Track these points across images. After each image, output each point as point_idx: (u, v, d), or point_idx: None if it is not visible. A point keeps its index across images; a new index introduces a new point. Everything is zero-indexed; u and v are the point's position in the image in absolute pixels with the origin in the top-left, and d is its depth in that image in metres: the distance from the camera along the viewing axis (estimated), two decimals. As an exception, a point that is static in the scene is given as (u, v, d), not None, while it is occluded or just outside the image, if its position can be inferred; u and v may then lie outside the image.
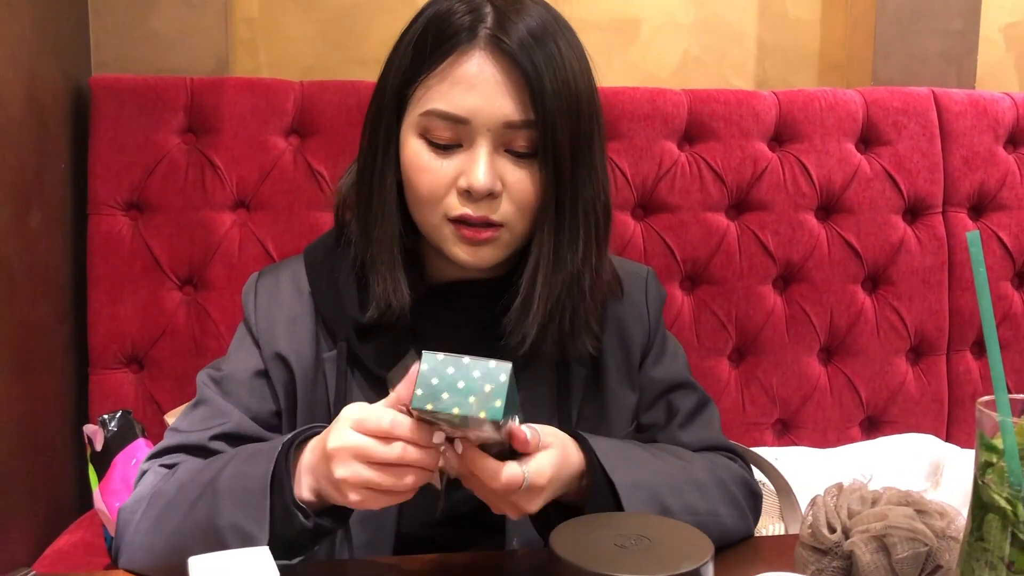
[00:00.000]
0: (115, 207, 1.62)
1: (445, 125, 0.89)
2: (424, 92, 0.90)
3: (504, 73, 0.88)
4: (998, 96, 1.88)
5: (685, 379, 1.07)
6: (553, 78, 0.88)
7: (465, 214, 0.90)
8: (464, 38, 0.88)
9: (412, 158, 0.91)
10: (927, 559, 0.77)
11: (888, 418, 1.81)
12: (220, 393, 0.98)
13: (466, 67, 0.88)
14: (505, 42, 0.88)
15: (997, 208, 1.86)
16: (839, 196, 1.79)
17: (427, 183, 0.91)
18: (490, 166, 0.89)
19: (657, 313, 1.08)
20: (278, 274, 1.03)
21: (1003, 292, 1.85)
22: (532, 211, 0.92)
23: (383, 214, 0.94)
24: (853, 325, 1.79)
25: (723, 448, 1.05)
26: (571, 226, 0.92)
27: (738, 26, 2.01)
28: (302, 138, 1.68)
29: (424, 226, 0.94)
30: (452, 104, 0.88)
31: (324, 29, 1.88)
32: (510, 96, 0.88)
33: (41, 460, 1.49)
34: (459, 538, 0.98)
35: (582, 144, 0.91)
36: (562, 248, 0.92)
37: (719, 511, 0.94)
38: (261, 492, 0.82)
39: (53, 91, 1.57)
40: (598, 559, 0.70)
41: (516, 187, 0.91)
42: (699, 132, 1.77)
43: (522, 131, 0.89)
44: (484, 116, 0.88)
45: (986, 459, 0.67)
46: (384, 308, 0.93)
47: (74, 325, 1.62)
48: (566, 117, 0.89)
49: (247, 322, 1.01)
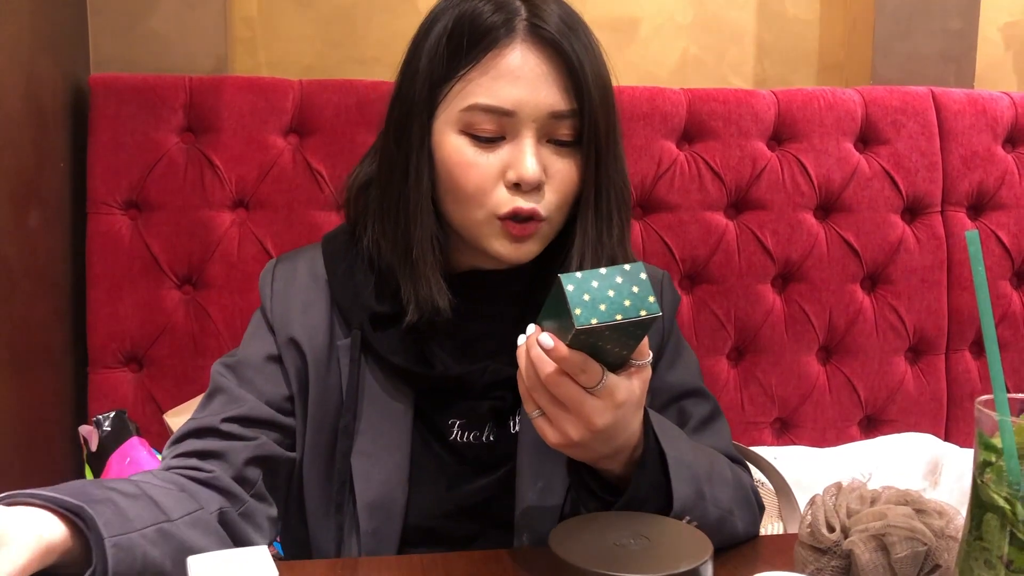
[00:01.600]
0: (114, 206, 1.62)
1: (489, 118, 0.89)
2: (463, 87, 0.89)
3: (547, 63, 0.89)
4: (997, 95, 1.88)
5: (698, 387, 1.06)
6: (592, 65, 0.90)
7: (517, 208, 0.89)
8: (503, 32, 0.89)
9: (453, 155, 0.90)
10: (926, 558, 0.77)
11: (887, 417, 1.82)
12: (234, 379, 0.97)
13: (509, 59, 0.88)
14: (546, 29, 0.88)
15: (996, 207, 1.86)
16: (838, 195, 1.79)
17: (474, 178, 0.90)
18: (538, 157, 0.89)
19: (671, 317, 1.07)
20: (296, 261, 1.03)
21: (1002, 291, 1.85)
22: (570, 201, 0.93)
23: (421, 214, 0.93)
24: (852, 324, 1.79)
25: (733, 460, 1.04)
26: (607, 213, 0.94)
27: (737, 25, 2.01)
28: (301, 137, 1.68)
29: (465, 223, 0.93)
30: (497, 97, 0.88)
31: (323, 28, 1.88)
32: (555, 86, 0.89)
33: (40, 459, 1.49)
34: (467, 531, 0.98)
35: (612, 130, 0.93)
36: (603, 234, 0.94)
37: (735, 511, 0.94)
38: None
39: (52, 90, 1.57)
40: (597, 559, 0.70)
41: (559, 177, 0.91)
42: (698, 131, 1.77)
43: (566, 120, 0.90)
44: (530, 107, 0.88)
45: (985, 458, 0.67)
46: (429, 313, 0.92)
47: (73, 324, 1.62)
48: (603, 104, 0.91)
49: (263, 308, 1.01)
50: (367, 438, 0.95)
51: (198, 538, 0.83)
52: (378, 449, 0.95)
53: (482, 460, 0.98)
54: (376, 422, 0.96)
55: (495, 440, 0.98)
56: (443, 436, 0.98)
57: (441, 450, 0.98)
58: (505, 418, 0.98)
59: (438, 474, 0.98)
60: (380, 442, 0.96)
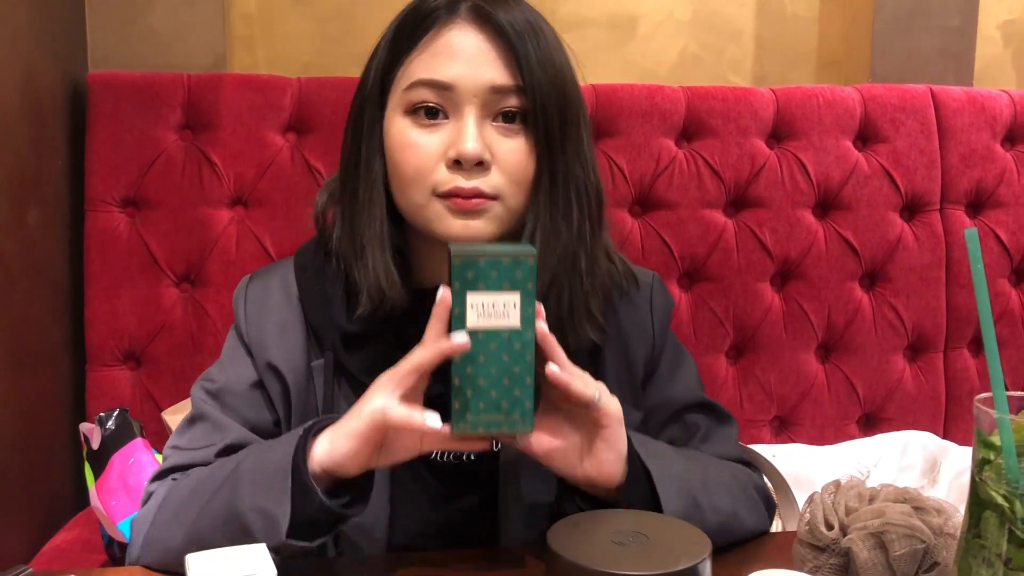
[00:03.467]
0: (112, 204, 1.61)
1: (430, 93, 0.89)
2: (406, 70, 0.90)
3: (488, 40, 0.89)
4: (996, 93, 1.88)
5: (700, 398, 1.05)
6: (537, 47, 0.89)
7: (456, 187, 0.88)
8: (443, 13, 0.90)
9: (397, 137, 0.90)
10: (924, 556, 0.77)
11: (885, 415, 1.81)
12: (218, 407, 0.96)
13: (447, 36, 0.89)
14: (487, 10, 0.89)
15: (995, 205, 1.86)
16: (837, 193, 1.79)
17: (414, 158, 0.89)
18: (478, 133, 0.88)
19: (662, 324, 1.04)
20: (268, 279, 1.01)
21: (1000, 289, 1.85)
22: (525, 185, 0.91)
23: (370, 200, 0.92)
24: (851, 322, 1.79)
25: (740, 462, 1.04)
26: (564, 200, 0.92)
27: (736, 23, 2.01)
28: (300, 135, 1.68)
29: (411, 207, 0.91)
30: (435, 71, 0.88)
31: (322, 25, 1.88)
32: (496, 61, 0.89)
33: (38, 457, 1.49)
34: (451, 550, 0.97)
35: (570, 121, 0.91)
36: (556, 221, 0.91)
37: (741, 513, 0.94)
38: (282, 473, 0.82)
39: (50, 88, 1.57)
40: (596, 556, 0.70)
41: (506, 158, 0.89)
42: (697, 129, 1.77)
43: (508, 96, 0.89)
44: (469, 81, 0.88)
45: (984, 456, 0.67)
46: (378, 300, 0.91)
47: (71, 322, 1.61)
48: (552, 86, 0.89)
49: (238, 329, 1.00)
50: None
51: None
52: None
53: (464, 480, 0.97)
54: None
55: (476, 459, 0.97)
56: (425, 456, 0.95)
57: (423, 470, 0.97)
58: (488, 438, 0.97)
59: (420, 495, 0.97)
60: None
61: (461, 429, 0.81)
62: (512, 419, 0.81)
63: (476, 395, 0.80)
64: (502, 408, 0.80)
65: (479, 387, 0.80)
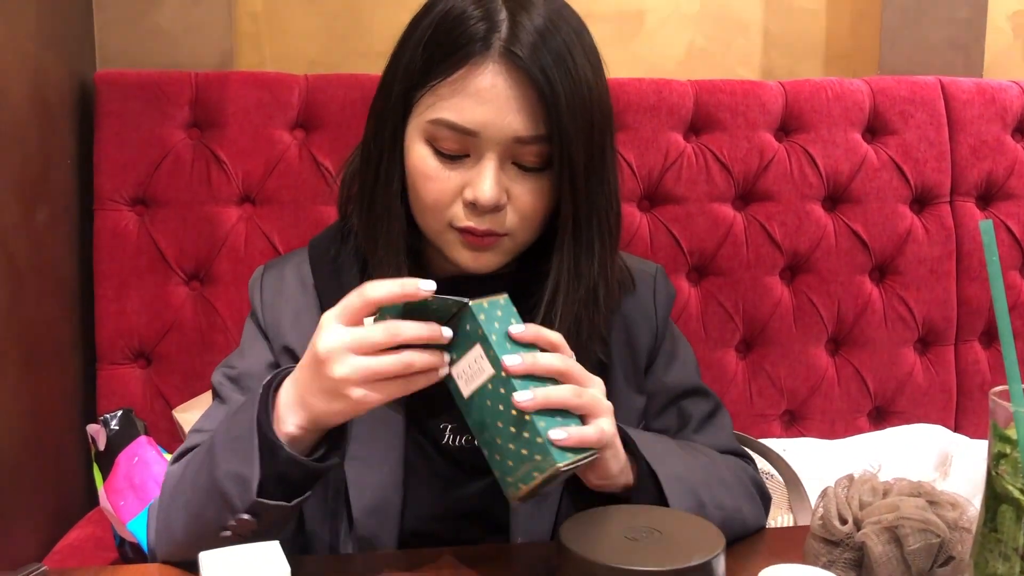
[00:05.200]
0: (121, 202, 1.62)
1: (453, 136, 0.88)
2: (434, 100, 0.88)
3: (517, 87, 0.86)
4: (1006, 84, 1.87)
5: (697, 385, 1.06)
6: (569, 93, 0.86)
7: (471, 227, 0.89)
8: (478, 48, 0.86)
9: (418, 164, 0.90)
10: (939, 550, 0.77)
11: (896, 409, 1.81)
12: (239, 391, 0.97)
13: (479, 80, 0.86)
14: (519, 56, 0.86)
15: (1005, 197, 1.85)
16: (846, 186, 1.79)
17: (433, 192, 0.89)
18: (497, 180, 0.88)
19: (665, 313, 1.06)
20: (283, 268, 1.03)
21: (1012, 281, 1.85)
22: (537, 221, 0.92)
23: (388, 217, 0.93)
24: (860, 315, 1.79)
25: (735, 452, 1.04)
26: (587, 240, 0.92)
27: (744, 16, 2.00)
28: (307, 132, 1.68)
29: (427, 230, 0.94)
30: (462, 116, 0.87)
31: (328, 22, 1.87)
32: (522, 111, 0.86)
33: (49, 455, 1.49)
34: (463, 534, 0.98)
35: (595, 155, 0.90)
36: (580, 263, 0.92)
37: (742, 508, 0.95)
38: (248, 433, 0.82)
39: (58, 87, 1.57)
40: (609, 552, 0.70)
41: (522, 199, 0.90)
42: (705, 123, 1.76)
43: (531, 146, 0.88)
44: (494, 130, 0.87)
45: (999, 449, 0.67)
46: None
47: (81, 321, 1.62)
48: (581, 131, 0.88)
49: (254, 316, 1.02)
50: (360, 443, 0.94)
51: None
52: (371, 454, 0.95)
53: (475, 464, 0.97)
54: (369, 427, 0.94)
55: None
56: (436, 440, 0.98)
57: (434, 454, 0.98)
58: None
59: (432, 478, 0.98)
60: (373, 447, 0.95)
61: (515, 495, 0.79)
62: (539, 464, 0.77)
63: (503, 456, 0.79)
64: (525, 456, 0.78)
65: (499, 447, 0.79)
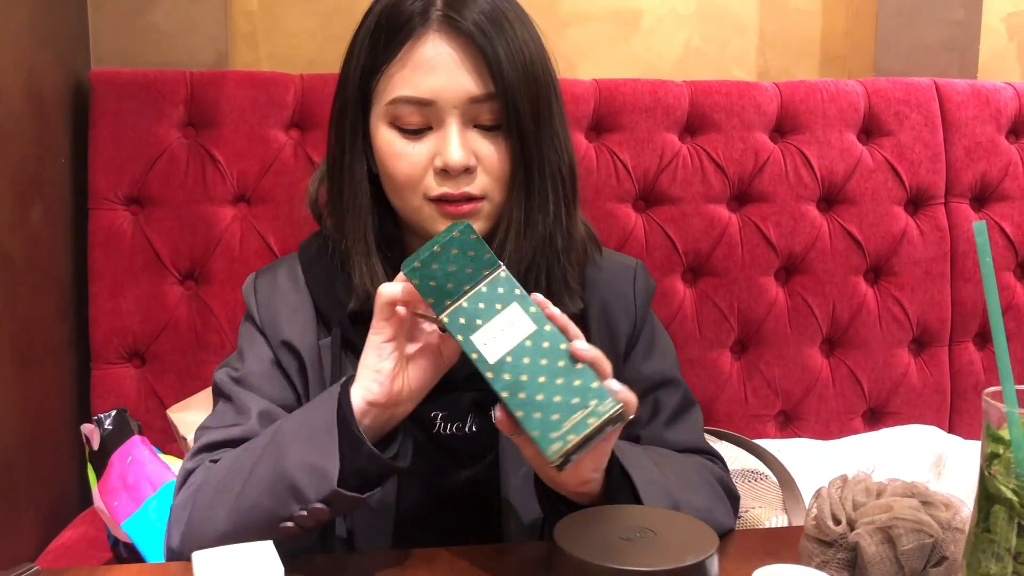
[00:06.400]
0: (116, 201, 1.61)
1: (413, 110, 0.92)
2: (387, 82, 0.93)
3: (461, 50, 0.91)
4: (1000, 86, 1.88)
5: (673, 377, 1.07)
6: (507, 50, 0.92)
7: (445, 193, 0.93)
8: (418, 23, 0.92)
9: (385, 146, 0.94)
10: (932, 550, 0.77)
11: (890, 409, 1.81)
12: (243, 389, 0.99)
13: (423, 50, 0.92)
14: (458, 20, 0.91)
15: (999, 199, 1.86)
16: (841, 187, 1.79)
17: (403, 168, 0.93)
18: (463, 142, 0.92)
19: (644, 303, 1.08)
20: (275, 271, 1.06)
21: (1006, 283, 1.85)
22: (507, 181, 0.95)
23: (354, 206, 0.97)
24: (855, 316, 1.79)
25: (703, 451, 1.05)
26: (540, 191, 0.95)
27: (739, 17, 2.00)
28: (303, 131, 1.68)
29: (404, 210, 0.96)
30: (416, 88, 0.91)
31: (324, 22, 1.87)
32: (470, 72, 0.91)
33: (43, 455, 1.49)
34: (458, 520, 1.00)
35: (542, 110, 0.94)
36: (532, 212, 0.95)
37: (715, 510, 0.95)
38: (328, 428, 0.84)
39: (53, 85, 1.56)
40: (603, 552, 0.70)
41: (488, 159, 0.93)
42: (700, 124, 1.76)
43: (485, 104, 0.92)
44: (448, 95, 0.91)
45: (992, 450, 0.67)
46: (364, 297, 0.95)
47: (75, 320, 1.62)
48: (524, 86, 0.92)
49: (251, 317, 1.03)
50: None
51: None
52: None
53: (466, 451, 1.00)
54: None
55: (478, 431, 1.00)
56: (427, 428, 1.00)
57: (425, 442, 1.00)
58: (487, 409, 0.99)
59: (425, 466, 0.99)
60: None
61: (557, 452, 0.75)
62: (596, 409, 0.75)
63: (545, 412, 0.76)
64: (576, 405, 0.76)
65: (541, 403, 0.76)
